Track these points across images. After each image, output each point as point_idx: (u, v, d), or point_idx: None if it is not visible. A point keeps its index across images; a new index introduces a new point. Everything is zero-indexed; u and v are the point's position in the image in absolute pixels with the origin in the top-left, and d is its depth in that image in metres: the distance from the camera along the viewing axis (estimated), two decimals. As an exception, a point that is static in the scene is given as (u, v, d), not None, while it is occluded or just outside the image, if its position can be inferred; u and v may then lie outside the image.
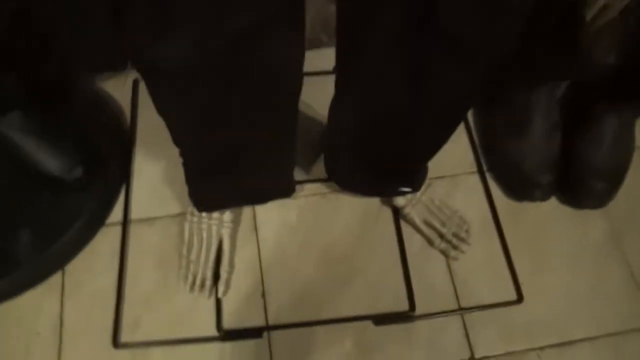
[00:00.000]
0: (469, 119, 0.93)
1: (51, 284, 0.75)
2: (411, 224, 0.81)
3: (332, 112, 0.66)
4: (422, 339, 0.75)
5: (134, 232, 0.79)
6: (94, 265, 0.76)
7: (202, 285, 0.74)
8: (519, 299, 0.78)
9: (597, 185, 0.83)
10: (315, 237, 0.80)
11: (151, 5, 0.38)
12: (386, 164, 0.71)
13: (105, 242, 0.78)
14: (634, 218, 0.86)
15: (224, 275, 0.75)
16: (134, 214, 0.80)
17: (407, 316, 0.76)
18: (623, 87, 0.78)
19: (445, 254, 0.80)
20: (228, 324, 0.74)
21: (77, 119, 0.81)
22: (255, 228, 0.81)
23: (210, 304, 0.75)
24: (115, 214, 0.80)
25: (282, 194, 0.78)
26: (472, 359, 0.74)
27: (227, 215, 0.76)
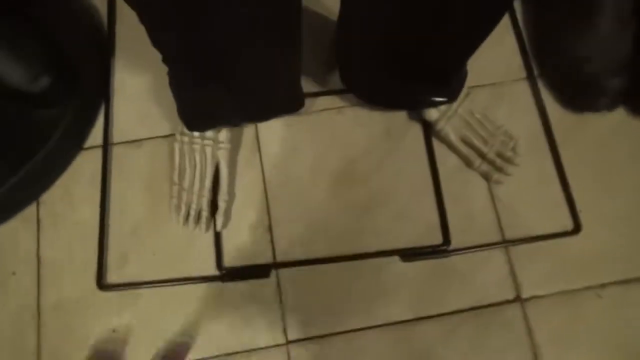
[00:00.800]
0: (517, 13, 0.76)
1: (25, 217, 0.65)
2: (445, 141, 0.68)
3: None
4: (459, 277, 0.64)
5: (118, 156, 0.68)
6: (73, 194, 0.66)
7: (197, 217, 0.64)
8: (576, 228, 0.65)
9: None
10: (329, 160, 0.68)
11: None
12: (413, 65, 0.58)
13: (85, 169, 0.67)
14: None
15: (222, 204, 0.64)
16: (117, 136, 0.69)
17: (440, 250, 0.64)
18: None
19: (486, 177, 0.67)
20: (230, 261, 0.64)
21: (42, 20, 0.67)
22: (258, 149, 0.68)
23: (209, 238, 0.64)
24: (96, 135, 0.69)
25: (289, 108, 0.65)
26: (519, 298, 0.63)
27: (224, 134, 0.64)
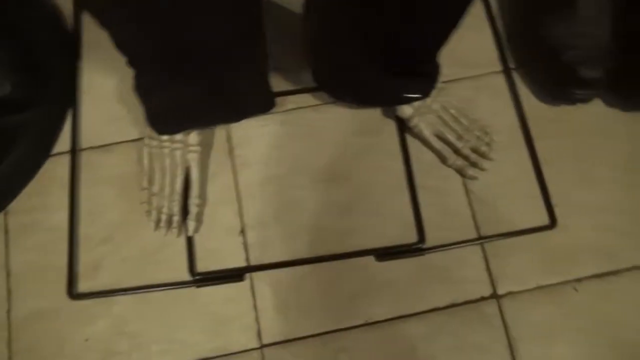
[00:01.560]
0: (492, 3, 0.74)
1: (-7, 227, 0.64)
2: (420, 137, 0.66)
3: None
4: (438, 274, 0.63)
5: (88, 162, 0.66)
6: (43, 203, 0.65)
7: (168, 222, 0.62)
8: (552, 223, 0.64)
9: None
10: (304, 159, 0.67)
11: None
12: (384, 58, 0.56)
13: (55, 176, 0.66)
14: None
15: (193, 208, 0.63)
16: (86, 141, 0.67)
17: (414, 249, 0.63)
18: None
19: (461, 172, 0.66)
20: (204, 266, 0.63)
21: (4, 24, 0.65)
22: (230, 151, 0.67)
23: (181, 243, 0.63)
24: (64, 141, 0.67)
25: (259, 108, 0.64)
26: (495, 295, 0.62)
27: (193, 137, 0.62)
